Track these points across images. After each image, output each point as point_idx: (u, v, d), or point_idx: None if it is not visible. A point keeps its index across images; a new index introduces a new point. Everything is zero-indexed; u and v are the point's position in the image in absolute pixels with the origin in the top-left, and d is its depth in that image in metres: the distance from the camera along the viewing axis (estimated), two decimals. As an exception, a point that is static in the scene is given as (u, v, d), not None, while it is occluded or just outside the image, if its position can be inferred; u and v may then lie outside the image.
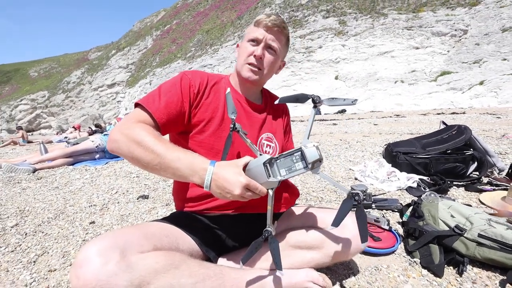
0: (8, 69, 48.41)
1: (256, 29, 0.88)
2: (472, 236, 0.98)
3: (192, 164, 0.67)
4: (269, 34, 0.87)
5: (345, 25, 17.65)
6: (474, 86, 12.20)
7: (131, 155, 0.70)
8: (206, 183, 0.66)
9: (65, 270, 1.06)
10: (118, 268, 0.56)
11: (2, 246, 1.25)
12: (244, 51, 0.90)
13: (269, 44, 0.88)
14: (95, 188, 2.21)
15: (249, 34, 0.90)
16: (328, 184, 2.04)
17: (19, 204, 1.83)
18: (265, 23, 0.86)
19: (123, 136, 0.71)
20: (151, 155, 0.68)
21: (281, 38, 0.90)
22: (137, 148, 0.69)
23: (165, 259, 0.65)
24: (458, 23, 14.84)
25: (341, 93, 14.90)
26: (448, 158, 1.98)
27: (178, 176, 0.69)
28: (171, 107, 0.79)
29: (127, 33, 42.36)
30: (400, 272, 0.97)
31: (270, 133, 0.98)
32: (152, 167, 0.69)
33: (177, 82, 0.83)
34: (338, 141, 4.16)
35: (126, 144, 0.70)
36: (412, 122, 6.76)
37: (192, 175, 0.67)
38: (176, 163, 0.67)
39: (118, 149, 0.72)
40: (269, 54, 0.89)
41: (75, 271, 0.56)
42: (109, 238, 0.61)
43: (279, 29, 0.88)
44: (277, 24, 0.87)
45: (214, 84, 0.89)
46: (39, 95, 30.93)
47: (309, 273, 0.84)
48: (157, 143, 0.69)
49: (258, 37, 0.87)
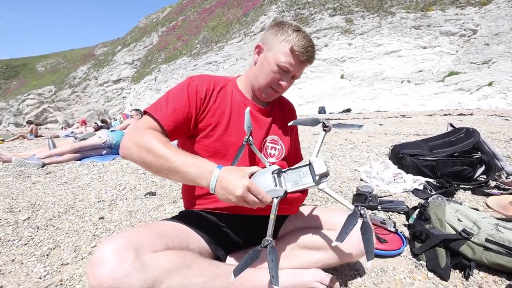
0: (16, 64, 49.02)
1: (290, 57, 0.85)
2: (479, 240, 0.99)
3: (200, 167, 0.70)
4: (300, 68, 0.88)
5: (351, 23, 17.46)
6: (483, 87, 12.00)
7: (142, 161, 0.74)
8: (211, 185, 0.68)
9: (77, 264, 1.09)
10: (133, 267, 0.58)
11: (16, 239, 1.29)
12: (271, 74, 0.87)
13: (296, 75, 0.90)
14: (103, 183, 2.24)
15: (280, 55, 0.85)
16: (333, 185, 2.04)
17: (30, 198, 1.87)
18: (301, 57, 0.85)
19: (134, 143, 0.74)
20: (161, 160, 0.71)
21: (306, 66, 0.92)
22: (147, 154, 0.72)
23: (177, 259, 0.67)
24: (467, 23, 14.57)
25: (346, 92, 14.79)
26: (455, 161, 1.97)
27: (187, 180, 0.72)
28: (178, 114, 0.82)
29: (133, 29, 42.49)
30: (406, 274, 0.98)
31: (276, 135, 0.99)
32: (162, 172, 0.73)
33: (184, 88, 0.85)
34: (343, 141, 4.15)
35: (137, 151, 0.74)
36: (418, 123, 6.69)
37: (199, 178, 0.69)
38: (185, 167, 0.70)
39: (130, 156, 0.76)
40: (291, 82, 0.92)
41: (92, 270, 0.58)
42: (124, 238, 0.63)
43: (310, 62, 0.89)
44: (310, 59, 0.87)
45: (220, 89, 0.91)
46: (46, 89, 31.29)
47: (317, 273, 0.85)
48: (165, 149, 0.71)
49: (290, 70, 0.86)
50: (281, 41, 0.85)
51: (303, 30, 0.88)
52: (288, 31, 0.85)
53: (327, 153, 3.19)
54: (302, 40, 0.84)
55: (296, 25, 0.88)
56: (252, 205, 0.68)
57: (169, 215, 1.56)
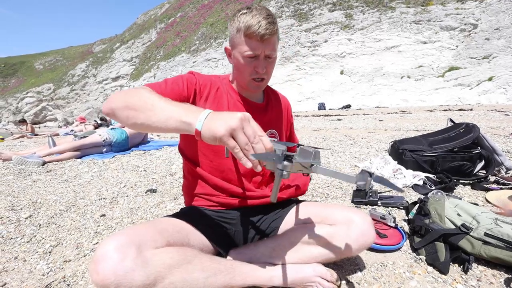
0: (14, 62, 48.73)
1: (248, 41, 0.81)
2: (478, 235, 0.99)
3: (189, 107, 0.63)
4: (265, 45, 0.81)
5: (351, 18, 17.35)
6: (483, 82, 11.98)
7: (125, 103, 0.65)
8: (201, 116, 0.57)
9: (79, 261, 1.10)
10: (134, 264, 0.59)
11: (18, 236, 1.30)
12: (244, 68, 0.85)
13: (267, 54, 0.84)
14: (104, 181, 2.25)
15: (241, 46, 0.83)
16: (333, 181, 2.05)
17: (31, 196, 1.87)
18: (257, 35, 0.79)
19: (122, 92, 0.69)
20: (146, 98, 0.65)
21: (275, 40, 0.85)
22: (133, 96, 0.66)
23: (179, 254, 0.68)
24: (468, 17, 14.48)
25: (346, 88, 14.75)
26: (455, 156, 1.97)
27: (171, 119, 0.60)
28: (176, 94, 0.80)
29: (131, 26, 42.19)
30: (405, 269, 0.99)
31: (274, 129, 1.01)
32: (145, 110, 0.62)
33: (183, 77, 0.87)
34: (343, 137, 4.15)
35: (123, 96, 0.67)
36: (418, 118, 6.69)
37: (186, 115, 0.59)
38: (172, 105, 0.63)
39: (113, 104, 0.67)
40: (269, 62, 0.86)
41: (94, 266, 0.58)
42: (126, 235, 0.63)
43: (272, 33, 0.81)
44: (270, 30, 0.79)
45: (217, 90, 0.91)
46: (45, 87, 31.17)
47: (317, 268, 0.86)
48: (154, 94, 0.67)
49: (256, 53, 0.82)
50: (236, 33, 0.83)
51: (255, 8, 0.82)
52: (237, 19, 0.82)
53: (326, 150, 3.19)
54: (250, 19, 0.79)
55: (246, 7, 0.84)
56: (242, 146, 0.54)
57: (170, 212, 1.57)
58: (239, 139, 0.54)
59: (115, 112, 0.66)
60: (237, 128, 0.54)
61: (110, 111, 0.67)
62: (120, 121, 0.67)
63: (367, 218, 0.88)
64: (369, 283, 0.92)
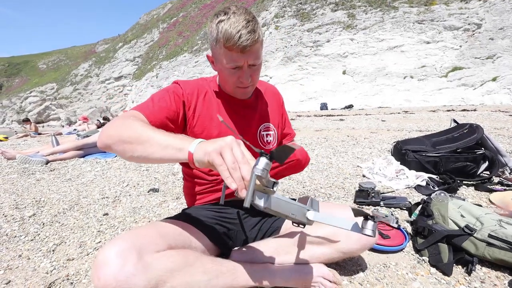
0: (17, 61, 49.14)
1: (229, 54, 0.77)
2: (482, 236, 0.99)
3: (182, 138, 0.65)
4: (247, 55, 0.77)
5: (354, 18, 17.29)
6: (487, 83, 11.89)
7: (119, 135, 0.67)
8: (193, 145, 0.60)
9: (82, 259, 1.11)
10: (135, 269, 0.59)
11: (22, 234, 1.31)
12: (228, 78, 0.83)
13: (251, 63, 0.80)
14: (107, 180, 2.26)
15: (223, 58, 0.79)
16: (336, 181, 2.05)
17: (35, 195, 1.89)
18: (238, 47, 0.74)
19: (114, 124, 0.71)
20: (140, 131, 0.66)
21: (258, 48, 0.79)
22: (126, 129, 0.67)
23: (180, 258, 0.67)
24: (472, 17, 14.38)
25: (348, 88, 14.71)
26: (458, 157, 1.96)
27: (165, 147, 0.62)
28: (164, 112, 0.81)
29: (134, 26, 42.37)
30: (408, 270, 0.98)
31: (267, 122, 1.01)
32: (139, 142, 0.64)
33: (169, 90, 0.86)
34: (345, 137, 4.14)
35: (116, 132, 0.68)
36: (421, 119, 6.66)
37: (180, 144, 0.62)
38: (165, 136, 0.65)
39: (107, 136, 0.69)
40: (253, 69, 0.83)
41: (96, 272, 0.58)
42: (126, 240, 0.63)
43: (254, 43, 0.75)
44: (250, 41, 0.74)
45: (205, 95, 0.91)
46: (48, 87, 31.40)
47: (319, 269, 0.86)
48: (147, 126, 0.69)
49: (238, 65, 0.79)
50: (216, 44, 0.79)
51: (232, 12, 0.75)
52: (215, 26, 0.76)
53: (329, 149, 3.18)
54: (229, 28, 0.73)
55: (224, 11, 0.77)
56: (229, 164, 0.54)
57: (172, 211, 1.57)
58: (227, 157, 0.55)
59: (111, 147, 0.68)
60: (226, 147, 0.56)
61: (106, 147, 0.69)
62: (118, 154, 0.69)
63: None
64: (371, 284, 0.91)
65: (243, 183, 0.54)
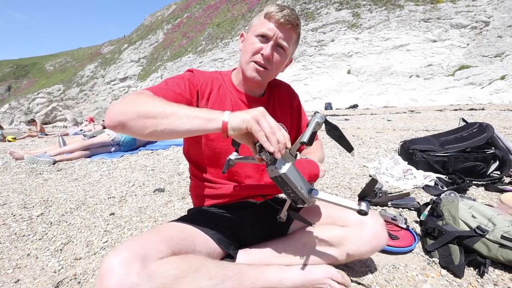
0: (25, 63, 49.98)
1: (266, 22, 0.81)
2: (495, 237, 0.96)
3: (207, 110, 0.65)
4: (281, 31, 0.80)
5: (358, 17, 17.15)
6: (495, 81, 11.67)
7: (137, 111, 0.62)
8: (225, 113, 0.62)
9: (89, 258, 1.11)
10: (139, 278, 0.58)
11: (30, 234, 1.32)
12: (251, 46, 0.82)
13: (279, 43, 0.81)
14: (113, 180, 2.28)
15: (257, 26, 0.83)
16: (342, 181, 2.02)
17: (42, 195, 1.91)
18: (277, 18, 0.79)
19: (128, 98, 0.67)
20: (163, 103, 0.64)
21: (293, 36, 0.83)
22: (145, 104, 0.64)
23: (184, 264, 0.66)
24: (479, 14, 14.14)
25: (353, 88, 14.59)
26: (467, 157, 1.92)
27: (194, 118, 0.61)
28: (177, 96, 0.77)
29: (139, 27, 42.73)
30: (418, 271, 0.96)
31: (279, 123, 0.98)
32: (168, 114, 0.61)
33: (184, 77, 0.84)
34: (351, 137, 4.10)
35: (131, 107, 0.64)
36: (427, 118, 6.56)
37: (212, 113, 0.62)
38: (192, 109, 0.64)
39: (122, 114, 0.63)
40: (277, 53, 0.83)
41: (100, 282, 0.58)
42: (130, 248, 0.62)
43: (292, 26, 0.81)
44: (291, 20, 0.79)
45: (219, 88, 0.89)
46: (55, 88, 31.88)
47: (328, 270, 0.85)
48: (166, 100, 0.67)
49: (268, 34, 0.80)
50: (256, 18, 0.86)
51: (286, 6, 0.84)
52: (265, 8, 0.84)
53: (334, 149, 3.16)
54: (275, 6, 0.82)
55: (276, 3, 0.87)
56: (266, 129, 0.58)
57: (178, 211, 1.57)
58: (263, 124, 0.59)
59: (126, 124, 0.62)
60: (260, 116, 0.60)
61: (119, 124, 0.62)
62: (133, 132, 0.62)
63: (380, 219, 0.87)
64: (380, 286, 0.90)
65: (279, 146, 0.58)
